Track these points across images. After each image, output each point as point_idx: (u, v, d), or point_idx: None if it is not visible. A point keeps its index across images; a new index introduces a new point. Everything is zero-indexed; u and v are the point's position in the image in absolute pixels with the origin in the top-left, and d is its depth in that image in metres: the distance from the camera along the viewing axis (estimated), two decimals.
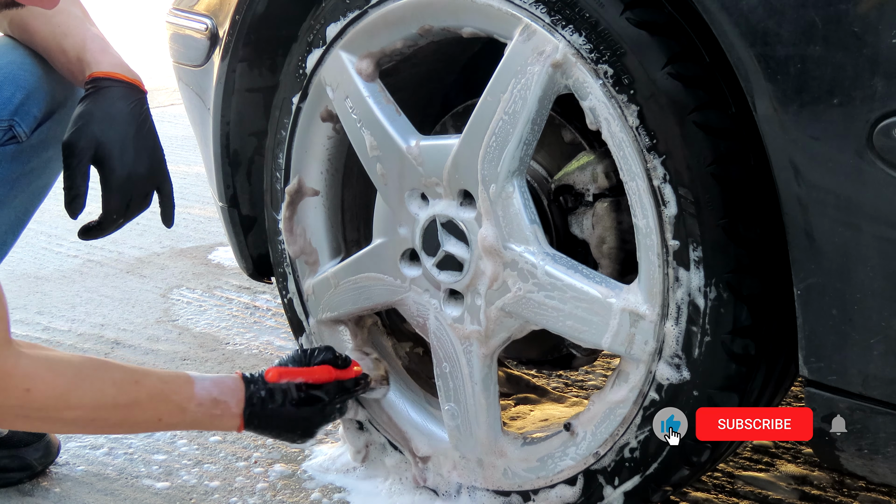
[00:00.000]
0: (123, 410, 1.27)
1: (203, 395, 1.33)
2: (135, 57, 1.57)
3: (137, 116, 1.41)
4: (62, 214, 1.40)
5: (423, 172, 1.37)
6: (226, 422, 1.36)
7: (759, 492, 1.58)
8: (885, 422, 1.04)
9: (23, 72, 1.46)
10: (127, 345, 2.19)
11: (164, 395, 1.30)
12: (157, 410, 1.30)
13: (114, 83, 1.41)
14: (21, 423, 1.27)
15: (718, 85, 1.12)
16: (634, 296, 1.21)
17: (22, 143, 1.46)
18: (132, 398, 1.27)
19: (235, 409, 1.36)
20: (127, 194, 1.39)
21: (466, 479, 1.47)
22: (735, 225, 1.13)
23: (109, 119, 1.38)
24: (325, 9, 1.45)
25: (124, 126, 1.38)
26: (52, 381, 1.21)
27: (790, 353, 1.18)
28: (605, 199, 1.33)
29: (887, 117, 0.93)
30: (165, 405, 1.30)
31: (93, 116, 1.37)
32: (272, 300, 2.45)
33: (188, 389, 1.32)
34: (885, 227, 0.97)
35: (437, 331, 1.43)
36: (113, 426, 1.31)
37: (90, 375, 1.25)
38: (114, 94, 1.40)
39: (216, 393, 1.34)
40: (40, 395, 1.21)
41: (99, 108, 1.38)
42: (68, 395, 1.23)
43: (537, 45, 1.21)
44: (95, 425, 1.30)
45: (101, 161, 1.37)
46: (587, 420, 1.32)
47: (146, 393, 1.28)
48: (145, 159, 1.41)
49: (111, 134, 1.37)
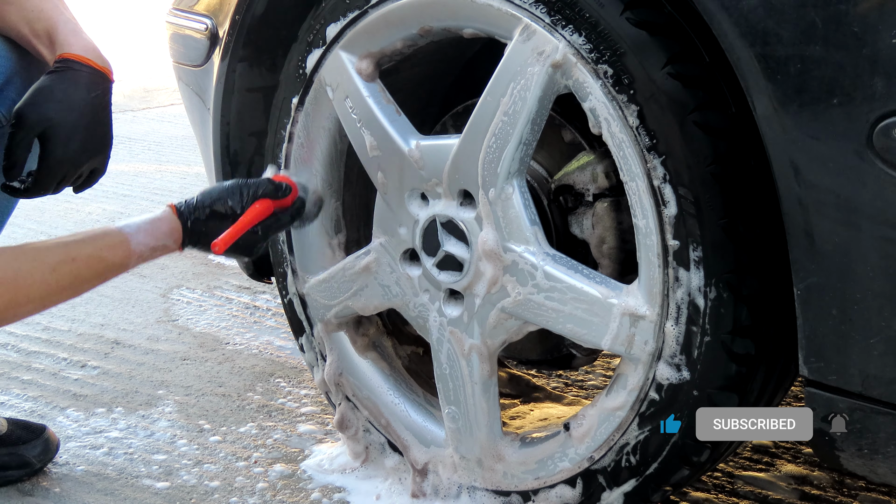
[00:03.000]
0: (70, 288, 1.31)
1: (140, 250, 1.35)
2: (135, 57, 1.57)
3: (96, 105, 1.42)
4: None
5: (423, 173, 1.37)
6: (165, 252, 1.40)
7: (759, 492, 1.58)
8: (885, 422, 1.04)
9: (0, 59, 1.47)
10: (127, 345, 2.19)
11: (103, 262, 1.33)
12: (103, 276, 1.34)
13: (82, 67, 1.42)
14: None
15: (718, 85, 1.12)
16: (634, 296, 1.21)
17: (3, 126, 1.47)
18: (74, 275, 1.30)
19: (174, 246, 1.39)
20: (60, 175, 1.42)
21: (466, 480, 1.47)
22: (735, 225, 1.13)
23: (67, 102, 1.39)
24: (325, 9, 1.45)
25: (79, 113, 1.40)
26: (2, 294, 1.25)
27: (790, 353, 1.18)
28: (605, 199, 1.33)
29: (887, 117, 0.93)
30: (108, 269, 1.33)
31: (52, 95, 1.39)
32: (272, 300, 2.45)
33: (124, 249, 1.34)
34: (885, 227, 0.97)
35: (436, 331, 1.43)
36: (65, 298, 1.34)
37: (29, 270, 1.27)
38: (78, 78, 1.41)
39: (153, 242, 1.36)
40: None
41: (60, 88, 1.40)
42: (16, 299, 1.26)
43: (537, 45, 1.21)
44: (50, 304, 1.33)
45: (46, 140, 1.40)
46: (587, 421, 1.32)
47: (85, 266, 1.31)
48: (90, 149, 1.43)
49: (64, 117, 1.38)
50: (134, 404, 1.91)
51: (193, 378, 2.02)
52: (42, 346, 2.18)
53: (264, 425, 1.82)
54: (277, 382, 2.00)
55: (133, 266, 1.36)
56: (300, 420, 1.84)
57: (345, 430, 1.63)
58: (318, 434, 1.79)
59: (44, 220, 2.98)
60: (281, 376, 2.02)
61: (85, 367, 2.07)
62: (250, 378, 2.02)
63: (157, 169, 3.76)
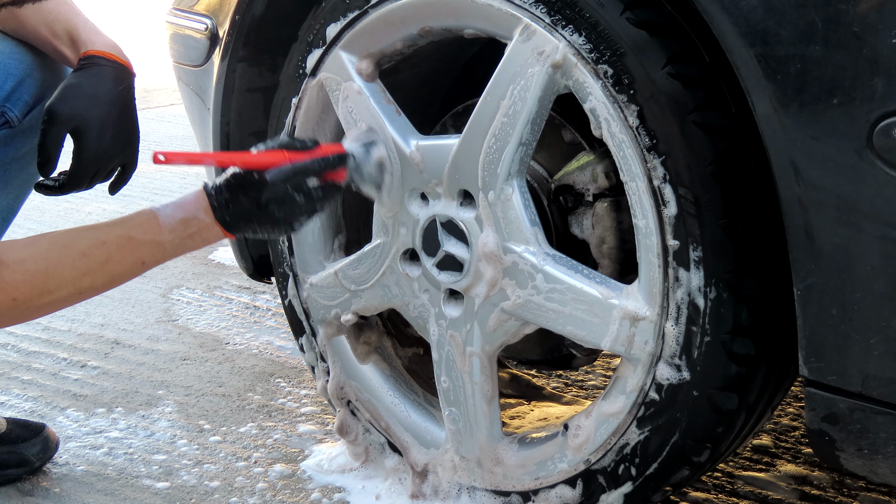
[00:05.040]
0: (103, 272, 1.29)
1: (170, 223, 1.32)
2: (134, 57, 1.58)
3: (123, 98, 1.45)
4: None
5: (423, 173, 1.37)
6: (206, 234, 1.34)
7: (759, 492, 1.58)
8: (885, 422, 1.04)
9: (13, 60, 1.50)
10: (127, 345, 2.19)
11: (134, 242, 1.31)
12: (136, 256, 1.31)
13: (107, 62, 1.45)
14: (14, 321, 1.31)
15: (718, 85, 1.12)
16: (634, 296, 1.21)
17: (14, 127, 1.50)
18: (105, 258, 1.29)
19: (207, 219, 1.34)
20: (94, 170, 1.44)
21: (466, 480, 1.47)
22: (735, 225, 1.13)
23: (96, 97, 1.42)
24: (325, 9, 1.45)
25: (108, 106, 1.42)
26: (32, 281, 1.25)
27: (790, 353, 1.18)
28: (605, 199, 1.33)
29: (887, 117, 0.93)
30: (140, 249, 1.31)
31: (81, 90, 1.42)
32: (272, 300, 2.45)
33: (154, 225, 1.31)
34: (885, 227, 0.97)
35: (436, 332, 1.43)
36: (101, 287, 1.32)
37: (61, 257, 1.27)
38: (105, 73, 1.44)
39: (182, 214, 1.33)
40: (25, 297, 1.24)
41: (89, 83, 1.43)
42: (48, 286, 1.26)
43: (537, 45, 1.21)
44: (84, 294, 1.31)
45: (79, 135, 1.42)
46: (583, 431, 1.32)
47: (116, 247, 1.29)
48: (121, 141, 1.46)
49: (95, 111, 1.41)
50: (134, 404, 1.91)
51: (193, 378, 2.02)
52: (42, 346, 2.18)
53: (264, 425, 1.82)
54: (277, 382, 2.00)
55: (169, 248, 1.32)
56: (300, 420, 1.84)
57: (345, 434, 1.63)
58: (318, 434, 1.79)
59: (43, 220, 2.97)
60: (281, 376, 2.02)
61: (85, 367, 2.07)
62: (250, 378, 2.02)
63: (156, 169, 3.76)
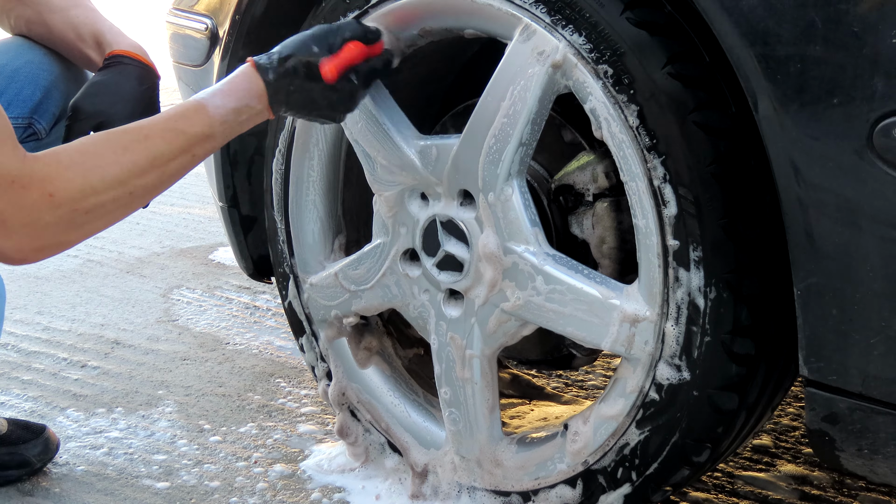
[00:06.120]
0: (150, 168, 1.20)
1: (221, 113, 1.23)
2: None
3: (147, 98, 1.46)
4: None
5: (423, 172, 1.37)
6: (255, 120, 1.28)
7: (759, 492, 1.58)
8: (885, 422, 1.04)
9: (41, 71, 1.52)
10: (127, 345, 2.19)
11: (183, 136, 1.21)
12: (184, 150, 1.22)
13: (132, 62, 1.47)
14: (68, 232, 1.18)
15: (718, 85, 1.12)
16: (634, 296, 1.21)
17: (42, 139, 1.52)
18: (151, 154, 1.20)
19: (260, 106, 1.26)
20: None
21: (466, 480, 1.47)
22: (735, 225, 1.13)
23: (120, 94, 1.43)
24: (324, 9, 1.45)
25: (132, 104, 1.43)
26: (67, 175, 1.15)
27: (790, 353, 1.18)
28: (605, 199, 1.33)
29: (887, 117, 0.93)
30: (190, 142, 1.22)
31: (106, 88, 1.43)
32: (272, 300, 2.45)
33: (203, 116, 1.23)
34: (885, 227, 0.97)
35: (436, 332, 1.43)
36: (152, 186, 1.22)
37: (99, 152, 1.18)
38: (130, 72, 1.46)
39: (233, 103, 1.24)
40: (65, 196, 1.14)
41: (113, 81, 1.44)
42: (91, 184, 1.16)
43: (537, 45, 1.21)
44: (136, 196, 1.21)
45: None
46: (581, 438, 1.32)
47: (163, 142, 1.20)
48: None
49: (118, 108, 1.41)
50: (134, 404, 1.91)
51: (193, 378, 2.02)
52: (42, 346, 2.18)
53: (264, 425, 1.82)
54: (277, 382, 2.00)
55: (220, 139, 1.24)
56: (300, 420, 1.84)
57: (345, 436, 1.63)
58: (318, 434, 1.79)
59: None
60: (281, 376, 2.02)
61: (85, 367, 2.07)
62: (250, 378, 2.02)
63: None
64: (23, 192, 1.12)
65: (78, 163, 1.16)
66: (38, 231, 1.15)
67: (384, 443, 1.60)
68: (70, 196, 1.14)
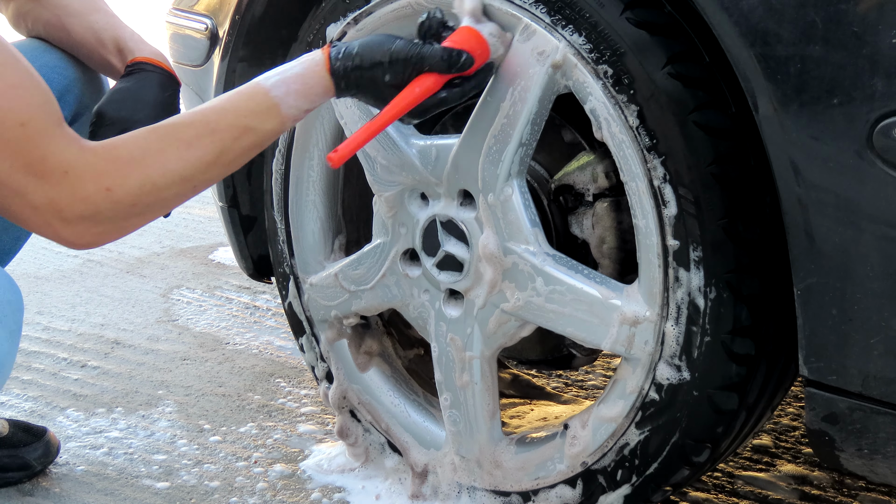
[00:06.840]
0: (217, 163, 1.18)
1: (294, 114, 1.21)
2: None
3: (169, 105, 1.46)
4: None
5: (423, 173, 1.37)
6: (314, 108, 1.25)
7: (759, 492, 1.58)
8: (885, 422, 1.04)
9: (55, 73, 1.52)
10: (127, 345, 2.19)
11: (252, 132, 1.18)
12: (257, 146, 1.20)
13: (154, 69, 1.47)
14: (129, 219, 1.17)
15: (718, 85, 1.12)
16: (634, 296, 1.21)
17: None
18: (218, 150, 1.17)
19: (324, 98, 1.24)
20: None
21: (466, 480, 1.47)
22: (735, 225, 1.13)
23: (143, 101, 1.44)
24: (325, 9, 1.45)
25: (155, 110, 1.44)
26: (126, 171, 1.13)
27: (790, 353, 1.18)
28: (605, 199, 1.33)
29: (887, 117, 0.93)
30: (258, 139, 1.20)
31: (130, 94, 1.44)
32: (272, 300, 2.45)
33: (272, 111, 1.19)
34: (885, 227, 0.97)
35: (436, 332, 1.43)
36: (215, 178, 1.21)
37: (162, 147, 1.16)
38: (152, 79, 1.46)
39: (306, 105, 1.22)
40: (122, 189, 1.13)
41: (136, 87, 1.45)
42: (152, 179, 1.14)
43: (537, 45, 1.21)
44: (199, 188, 1.20)
45: None
46: (583, 431, 1.32)
47: (228, 136, 1.18)
48: None
49: (141, 114, 1.42)
50: (134, 404, 1.91)
51: (193, 378, 2.02)
52: (42, 346, 2.18)
53: (264, 425, 1.82)
54: (277, 382, 2.00)
55: (284, 130, 1.22)
56: (300, 420, 1.84)
57: (346, 437, 1.63)
58: (318, 434, 1.79)
59: None
60: (281, 376, 2.02)
61: (85, 367, 2.07)
62: (250, 378, 2.02)
63: None
64: (78, 184, 1.11)
65: (137, 158, 1.14)
66: (97, 221, 1.14)
67: (384, 443, 1.60)
68: (129, 191, 1.13)
